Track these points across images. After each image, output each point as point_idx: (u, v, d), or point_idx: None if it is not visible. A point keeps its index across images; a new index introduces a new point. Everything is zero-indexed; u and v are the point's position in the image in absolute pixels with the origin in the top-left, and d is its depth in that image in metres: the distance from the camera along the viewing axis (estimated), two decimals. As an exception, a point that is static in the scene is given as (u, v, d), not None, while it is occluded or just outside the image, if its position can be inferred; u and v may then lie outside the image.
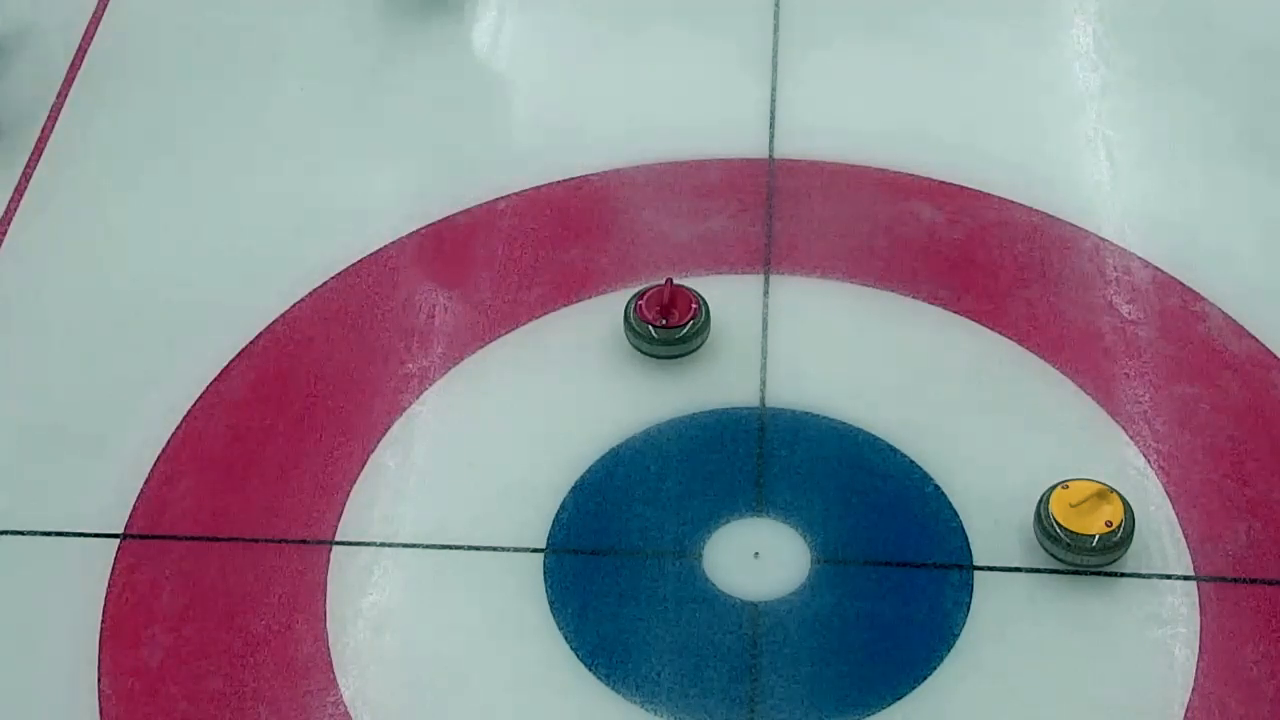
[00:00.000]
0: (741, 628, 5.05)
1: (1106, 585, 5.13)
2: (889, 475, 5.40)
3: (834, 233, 6.14)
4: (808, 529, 5.25)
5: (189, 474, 5.46)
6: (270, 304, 5.94)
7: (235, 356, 5.77)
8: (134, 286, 6.05)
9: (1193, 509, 5.30)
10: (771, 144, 6.47)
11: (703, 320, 5.70)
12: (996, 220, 6.18)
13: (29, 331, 5.93)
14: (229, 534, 5.30)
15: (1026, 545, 5.20)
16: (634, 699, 4.91)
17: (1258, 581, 5.13)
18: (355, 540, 5.28)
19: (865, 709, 4.87)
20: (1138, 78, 6.73)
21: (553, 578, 5.18)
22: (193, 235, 6.22)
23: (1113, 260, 6.03)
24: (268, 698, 4.93)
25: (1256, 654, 4.96)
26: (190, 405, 5.63)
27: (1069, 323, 5.83)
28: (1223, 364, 5.69)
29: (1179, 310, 5.87)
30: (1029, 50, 6.87)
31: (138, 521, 5.34)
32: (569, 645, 5.02)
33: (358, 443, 5.52)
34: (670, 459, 5.44)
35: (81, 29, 6.98)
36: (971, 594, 5.11)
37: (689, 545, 5.23)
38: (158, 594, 5.16)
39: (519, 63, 6.75)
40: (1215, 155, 6.42)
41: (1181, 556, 5.19)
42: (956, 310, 5.88)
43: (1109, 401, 5.59)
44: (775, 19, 6.99)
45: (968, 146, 6.43)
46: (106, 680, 4.97)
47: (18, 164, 6.39)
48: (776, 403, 5.59)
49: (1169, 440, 5.48)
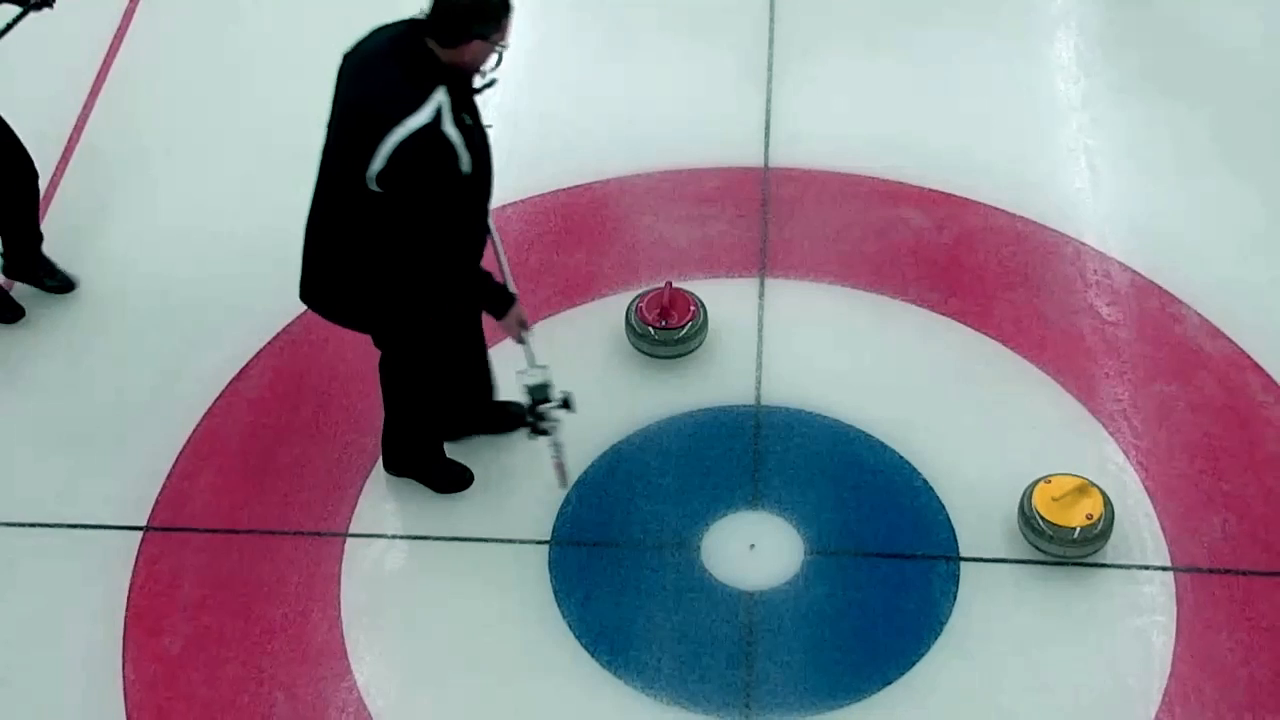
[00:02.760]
0: (738, 616, 5.04)
1: (1087, 576, 5.12)
2: (879, 470, 5.39)
3: (826, 238, 6.13)
4: (801, 522, 5.24)
5: (209, 469, 5.45)
6: (287, 306, 5.88)
7: (254, 357, 5.76)
8: (157, 290, 6.03)
9: (1170, 503, 5.29)
10: (767, 153, 6.46)
11: (701, 322, 5.69)
12: (982, 226, 6.17)
13: (56, 332, 5.91)
14: (247, 526, 5.30)
15: (1010, 537, 5.19)
16: (634, 684, 4.90)
17: (1232, 572, 5.12)
18: (368, 532, 5.27)
19: (856, 694, 4.87)
20: (1117, 90, 6.73)
21: (557, 568, 5.17)
22: (212, 240, 6.20)
23: (1093, 264, 6.02)
24: (284, 683, 4.92)
25: (1231, 641, 4.95)
26: (210, 404, 5.62)
27: (1051, 324, 5.82)
28: (1198, 364, 5.68)
29: (1157, 312, 5.86)
30: (1013, 63, 6.87)
31: (160, 514, 5.33)
32: (573, 633, 5.02)
33: (370, 438, 5.48)
34: (669, 455, 5.43)
35: (108, 37, 6.96)
36: (958, 584, 5.10)
37: (687, 537, 5.22)
38: (179, 584, 5.16)
39: (526, 76, 6.72)
40: (1191, 164, 6.41)
41: (1159, 548, 5.18)
42: (944, 312, 5.87)
43: (1090, 399, 5.58)
44: (770, 34, 7.00)
45: (955, 155, 6.42)
46: (130, 665, 4.97)
47: (50, 161, 6.35)
48: (771, 401, 5.58)
49: (1147, 437, 5.48)
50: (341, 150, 3.87)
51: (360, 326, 4.53)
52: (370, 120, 3.66)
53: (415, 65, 3.61)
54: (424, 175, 3.64)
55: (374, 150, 3.65)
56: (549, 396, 4.76)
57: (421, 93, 3.58)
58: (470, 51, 3.76)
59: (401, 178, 3.65)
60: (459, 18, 3.67)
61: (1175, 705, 4.81)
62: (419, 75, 3.59)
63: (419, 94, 3.59)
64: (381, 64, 3.76)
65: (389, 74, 3.67)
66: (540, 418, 4.75)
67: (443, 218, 3.78)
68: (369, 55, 3.85)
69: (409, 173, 3.62)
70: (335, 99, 3.98)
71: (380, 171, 3.70)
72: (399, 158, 3.64)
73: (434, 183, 3.72)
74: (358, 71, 3.87)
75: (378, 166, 3.68)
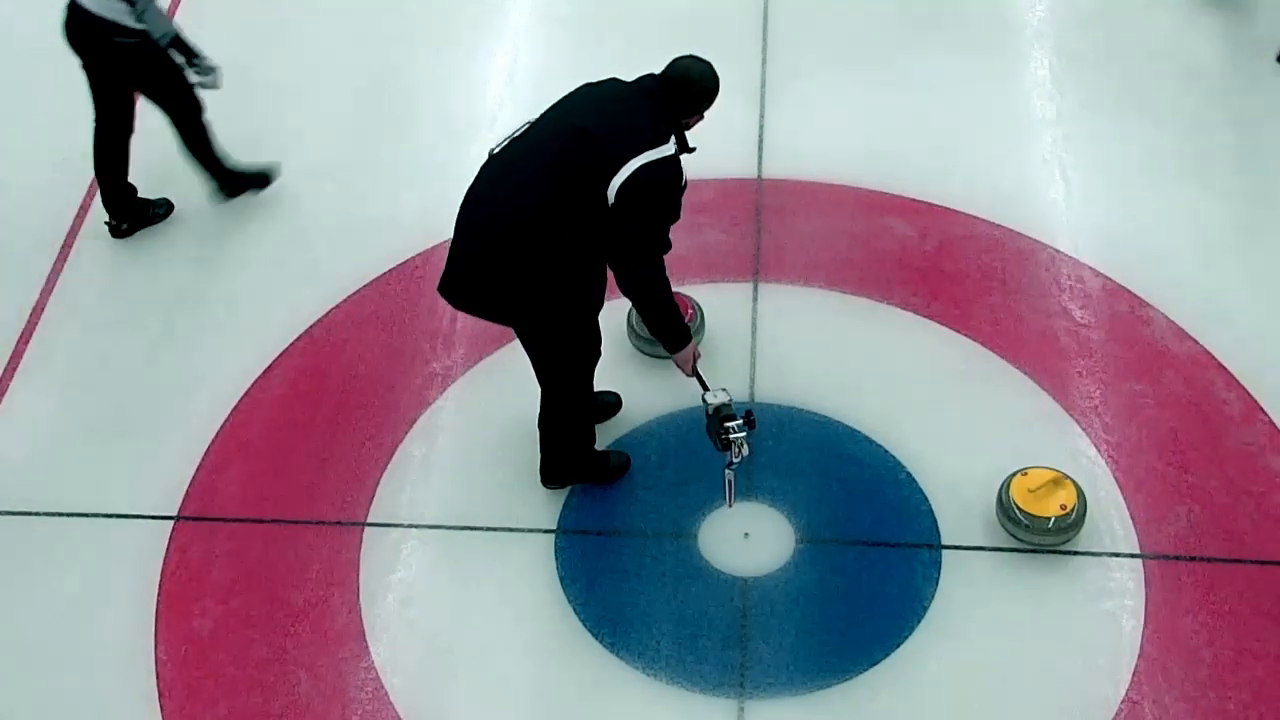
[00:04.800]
0: (733, 601, 5.06)
1: (1061, 563, 5.14)
2: (865, 463, 5.41)
3: (816, 245, 6.14)
4: (792, 512, 5.26)
5: (236, 462, 5.48)
6: (309, 309, 5.95)
7: (278, 356, 5.78)
8: (186, 293, 6.06)
9: (1139, 494, 5.31)
10: (760, 165, 6.47)
11: (698, 324, 5.69)
12: (963, 234, 6.18)
13: (93, 333, 5.94)
14: (272, 516, 5.32)
15: (989, 527, 5.21)
16: (635, 665, 4.93)
17: (1197, 559, 5.14)
18: (385, 522, 5.29)
19: (844, 674, 4.89)
20: (1089, 106, 6.71)
21: (563, 556, 5.19)
22: (239, 246, 6.23)
23: (1067, 270, 6.03)
24: (306, 663, 4.95)
25: (1196, 624, 4.98)
26: (237, 400, 5.64)
27: (1028, 326, 5.83)
28: (1166, 363, 5.69)
29: (1127, 315, 5.87)
30: (992, 82, 6.84)
31: (190, 505, 5.36)
32: (577, 617, 5.04)
33: (387, 434, 5.53)
34: (669, 449, 5.45)
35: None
36: (940, 571, 5.12)
37: (685, 527, 5.24)
38: (208, 570, 5.19)
39: (531, 94, 6.73)
40: (1159, 175, 6.40)
41: (1129, 537, 5.20)
42: (926, 315, 5.88)
43: (1063, 397, 5.60)
44: (763, 53, 6.99)
45: (937, 168, 6.41)
46: (162, 648, 5.00)
47: (83, 182, 6.40)
48: (764, 398, 5.60)
49: (1117, 432, 5.49)
50: (571, 163, 4.59)
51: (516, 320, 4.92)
52: (621, 146, 4.55)
53: (660, 115, 4.64)
54: (660, 189, 4.60)
55: (617, 168, 4.52)
56: (734, 414, 4.84)
57: (664, 135, 4.60)
58: (693, 119, 4.76)
59: (640, 190, 4.54)
60: (697, 97, 4.72)
61: (1144, 683, 4.83)
62: (664, 122, 4.63)
63: (663, 135, 4.60)
64: (627, 107, 4.66)
65: (638, 117, 4.62)
66: (729, 434, 4.84)
67: (662, 222, 4.71)
68: (608, 97, 4.73)
69: (649, 187, 4.56)
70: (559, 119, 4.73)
71: (622, 184, 4.53)
72: (644, 176, 4.54)
73: (665, 196, 4.65)
74: (598, 105, 4.71)
75: (620, 180, 4.53)
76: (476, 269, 4.73)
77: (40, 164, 6.55)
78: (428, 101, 6.83)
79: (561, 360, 4.97)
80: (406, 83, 6.93)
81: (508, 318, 4.91)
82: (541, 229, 4.61)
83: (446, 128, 6.67)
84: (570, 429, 5.18)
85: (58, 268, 6.15)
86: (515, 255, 4.64)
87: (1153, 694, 4.82)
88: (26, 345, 5.89)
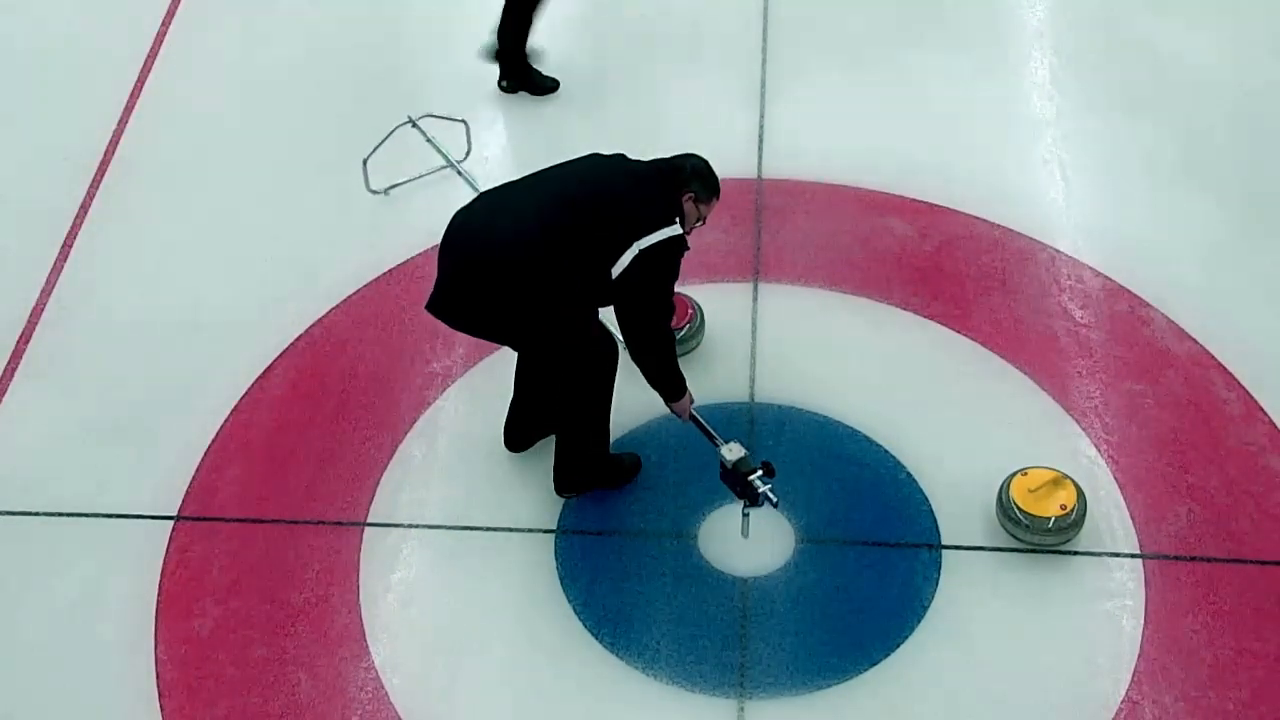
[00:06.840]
0: (733, 601, 5.03)
1: (1061, 563, 5.11)
2: (865, 463, 5.38)
3: (816, 245, 6.12)
4: (792, 512, 5.22)
5: (236, 462, 5.45)
6: (309, 309, 5.92)
7: (277, 357, 5.76)
8: (187, 295, 6.03)
9: (1138, 494, 5.28)
10: (760, 165, 6.46)
11: (698, 324, 5.68)
12: (963, 234, 6.16)
13: (93, 334, 5.91)
14: (272, 516, 5.29)
15: (989, 527, 5.18)
16: (635, 664, 4.89)
17: (1197, 559, 5.11)
18: (385, 522, 5.26)
19: (844, 674, 4.86)
20: (1089, 106, 6.72)
21: (563, 556, 5.16)
22: (239, 250, 6.20)
23: (1067, 270, 6.01)
24: (306, 664, 4.91)
25: (1195, 624, 4.95)
26: (237, 401, 5.61)
27: (1028, 326, 5.81)
28: (1166, 363, 5.67)
29: (1126, 315, 5.85)
30: (991, 81, 6.86)
31: (190, 505, 5.33)
32: (578, 616, 5.01)
33: (387, 434, 5.50)
34: (668, 449, 5.41)
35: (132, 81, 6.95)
36: (940, 571, 5.09)
37: (686, 527, 5.21)
38: (208, 570, 5.15)
39: (536, 99, 6.74)
40: (1158, 175, 6.40)
41: (1128, 537, 5.17)
42: (926, 315, 5.86)
43: (1063, 397, 5.57)
44: (764, 55, 6.99)
45: (937, 168, 6.41)
46: (162, 648, 4.96)
47: (83, 183, 6.36)
48: (764, 398, 5.57)
49: (1117, 432, 5.46)
50: (583, 212, 4.75)
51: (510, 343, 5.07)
52: (630, 219, 4.74)
53: (669, 195, 4.83)
54: (667, 263, 4.80)
55: (628, 241, 4.70)
56: (753, 466, 4.82)
57: (672, 214, 4.79)
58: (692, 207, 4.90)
59: (651, 263, 4.74)
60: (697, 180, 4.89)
61: (1144, 683, 4.80)
62: (672, 202, 4.82)
63: (671, 214, 4.79)
64: (637, 181, 4.82)
65: (649, 189, 4.81)
66: (756, 487, 4.83)
67: (666, 288, 4.89)
68: (623, 171, 4.88)
69: (658, 260, 4.75)
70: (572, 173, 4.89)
71: (635, 257, 4.70)
72: (654, 251, 4.72)
73: (670, 268, 4.83)
74: (608, 175, 4.87)
75: (628, 257, 4.70)
76: (463, 299, 4.79)
77: (41, 164, 6.53)
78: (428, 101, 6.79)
79: (570, 372, 4.94)
80: (407, 84, 6.88)
81: (501, 341, 4.98)
82: (532, 278, 4.67)
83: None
84: (590, 437, 5.13)
85: (58, 268, 6.12)
86: (502, 294, 4.69)
87: (1153, 694, 4.78)
88: (26, 345, 5.85)
